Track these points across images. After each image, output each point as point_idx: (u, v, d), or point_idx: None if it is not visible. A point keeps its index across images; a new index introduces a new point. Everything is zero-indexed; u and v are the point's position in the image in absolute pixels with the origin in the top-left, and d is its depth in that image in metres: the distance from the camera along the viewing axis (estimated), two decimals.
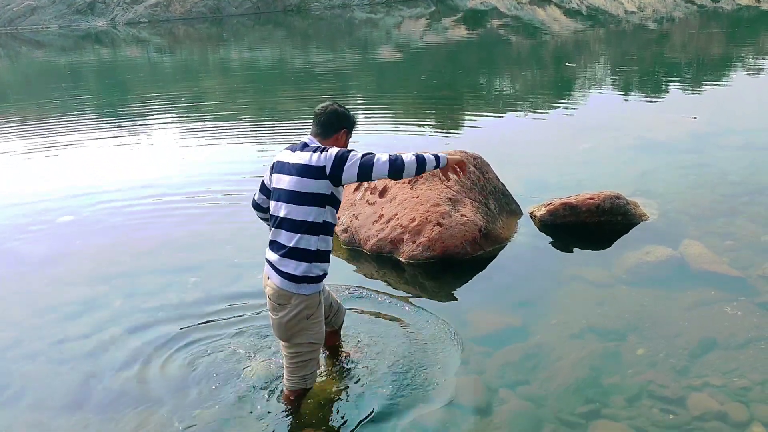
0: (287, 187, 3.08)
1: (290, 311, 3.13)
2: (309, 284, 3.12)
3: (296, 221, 3.06)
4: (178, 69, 21.47)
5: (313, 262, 3.10)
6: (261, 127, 10.79)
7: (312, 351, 3.28)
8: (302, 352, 3.24)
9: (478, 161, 5.85)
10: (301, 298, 3.12)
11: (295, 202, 3.05)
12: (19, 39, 32.76)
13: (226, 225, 6.01)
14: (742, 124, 8.93)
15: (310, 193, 3.02)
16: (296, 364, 3.27)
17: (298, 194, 3.04)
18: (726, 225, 5.47)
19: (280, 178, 3.15)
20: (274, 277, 3.14)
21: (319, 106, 3.26)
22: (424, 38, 25.13)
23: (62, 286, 5.04)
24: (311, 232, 3.06)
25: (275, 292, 3.15)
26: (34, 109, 14.01)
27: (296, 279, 3.08)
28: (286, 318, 3.14)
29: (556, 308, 4.36)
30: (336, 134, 3.21)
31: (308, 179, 3.02)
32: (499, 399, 3.48)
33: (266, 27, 33.30)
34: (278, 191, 3.15)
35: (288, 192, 3.08)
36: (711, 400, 3.37)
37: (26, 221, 6.51)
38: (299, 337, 3.20)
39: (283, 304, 3.13)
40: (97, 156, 9.18)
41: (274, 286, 3.14)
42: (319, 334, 3.27)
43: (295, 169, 3.07)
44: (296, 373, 3.29)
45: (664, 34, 23.54)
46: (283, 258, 3.09)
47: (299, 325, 3.16)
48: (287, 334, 3.20)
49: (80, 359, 4.03)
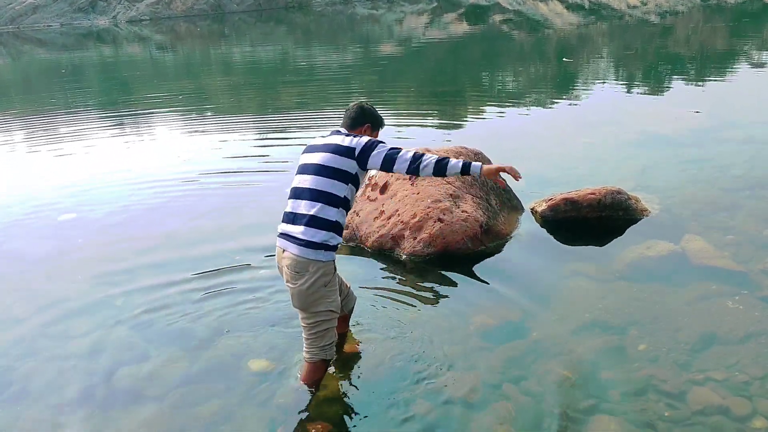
0: (317, 161, 3.32)
1: (309, 278, 3.25)
2: (326, 251, 3.27)
3: (320, 191, 3.27)
4: (180, 66, 21.49)
5: (331, 232, 3.27)
6: (263, 124, 10.78)
7: (330, 320, 3.40)
8: (321, 321, 3.36)
9: (479, 157, 5.83)
10: (318, 265, 3.25)
11: (322, 174, 3.29)
12: (21, 37, 32.80)
13: (228, 221, 6.02)
14: (743, 118, 8.91)
15: (337, 168, 3.27)
16: (316, 335, 3.38)
17: (326, 168, 3.29)
18: (727, 219, 5.46)
19: (310, 156, 3.39)
20: (291, 248, 3.27)
21: (351, 103, 3.63)
22: (426, 34, 25.08)
23: (64, 284, 5.04)
24: (332, 203, 3.27)
25: (293, 261, 3.26)
26: (35, 107, 14.04)
27: (315, 245, 3.22)
28: (306, 285, 3.26)
29: (557, 303, 4.35)
30: (360, 127, 3.52)
31: (338, 156, 3.28)
32: (501, 394, 3.48)
33: (268, 23, 33.29)
34: (306, 166, 3.38)
35: (316, 165, 3.31)
36: (713, 394, 3.37)
37: (27, 219, 6.53)
38: (318, 305, 3.32)
39: (302, 272, 3.25)
40: (98, 153, 9.20)
41: (292, 255, 3.26)
42: (336, 302, 3.41)
43: (327, 147, 3.34)
44: (316, 344, 3.40)
45: (667, 28, 23.47)
46: (303, 226, 3.25)
47: (318, 292, 3.29)
48: (306, 302, 3.32)
49: (83, 356, 4.04)
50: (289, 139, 9.33)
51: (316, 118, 11.04)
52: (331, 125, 10.24)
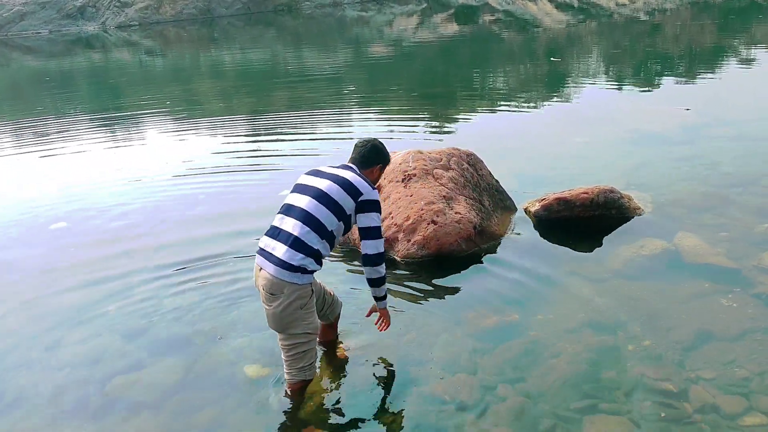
0: (321, 187, 3.27)
1: (283, 300, 3.19)
2: (303, 275, 3.19)
3: (313, 216, 3.20)
4: (170, 71, 21.42)
5: (311, 258, 3.19)
6: (254, 128, 10.76)
7: (308, 342, 3.35)
8: (298, 343, 3.32)
9: (472, 158, 5.84)
10: (294, 287, 3.18)
11: (321, 201, 3.23)
12: (9, 45, 32.61)
13: (221, 227, 5.98)
14: (733, 114, 8.95)
15: (337, 202, 3.24)
16: (294, 356, 3.34)
17: (328, 197, 3.24)
18: (720, 216, 5.48)
19: (313, 180, 3.35)
20: (268, 266, 3.20)
21: (361, 139, 3.57)
22: (416, 35, 25.10)
23: (56, 293, 5.00)
24: (319, 232, 3.20)
25: (268, 282, 3.20)
26: (24, 115, 13.95)
27: (292, 268, 3.15)
28: (280, 308, 3.20)
29: (552, 303, 4.36)
30: (373, 167, 3.51)
31: (344, 192, 3.26)
32: (497, 395, 3.47)
33: (257, 27, 33.24)
34: (307, 187, 3.32)
35: (318, 191, 3.26)
36: (708, 392, 3.38)
37: (19, 228, 6.49)
38: (294, 327, 3.27)
39: (276, 293, 3.19)
40: (89, 160, 9.16)
41: (268, 275, 3.19)
42: (313, 324, 3.35)
43: (337, 179, 3.30)
44: (294, 366, 3.36)
45: (656, 25, 23.57)
46: (285, 246, 3.18)
47: (293, 314, 3.23)
48: (282, 324, 3.27)
49: (76, 366, 4.01)
50: (283, 142, 9.32)
51: (307, 121, 11.02)
52: (323, 127, 10.28)
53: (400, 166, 5.47)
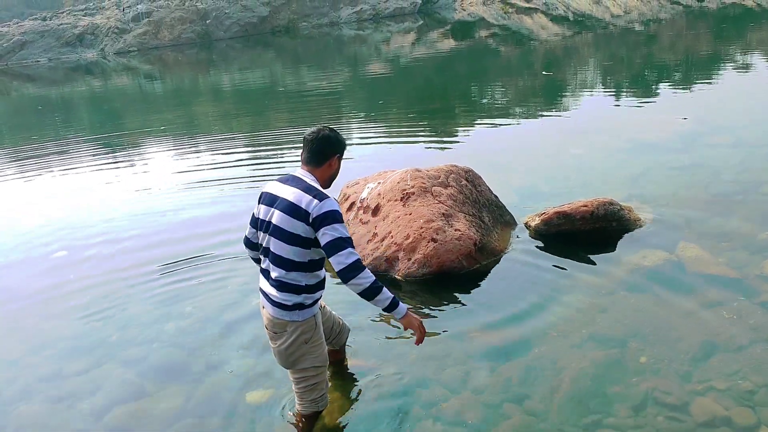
0: (275, 221, 2.99)
1: (287, 338, 3.12)
2: (301, 311, 3.09)
3: (283, 258, 3.00)
4: (169, 95, 21.54)
5: (303, 294, 3.07)
6: (254, 152, 10.75)
7: (317, 374, 3.27)
8: (308, 377, 3.24)
9: (470, 174, 5.83)
10: (295, 325, 3.10)
11: (281, 239, 2.97)
12: (9, 74, 32.87)
13: (221, 253, 5.95)
14: (731, 122, 8.94)
15: (292, 233, 2.94)
16: (305, 389, 3.28)
17: (283, 231, 2.96)
18: (721, 225, 5.44)
19: (268, 210, 3.05)
20: (268, 307, 3.14)
21: (309, 132, 3.11)
22: (413, 52, 25.23)
23: (57, 322, 4.99)
24: (298, 269, 3.01)
25: (270, 321, 3.14)
26: (26, 143, 14.01)
27: (287, 308, 3.06)
28: (284, 345, 3.14)
29: (555, 319, 4.32)
30: (329, 161, 3.10)
31: (292, 218, 2.94)
32: (503, 414, 3.44)
33: (255, 49, 33.48)
34: (265, 223, 3.06)
35: (275, 227, 2.99)
36: (716, 405, 3.34)
37: (20, 256, 6.49)
38: (301, 362, 3.19)
39: (280, 332, 3.13)
40: (90, 188, 9.15)
41: (269, 315, 3.14)
42: (321, 357, 3.25)
43: (281, 204, 2.99)
44: (306, 398, 3.30)
45: (651, 36, 23.67)
46: (274, 288, 3.07)
47: (299, 350, 3.14)
48: (288, 361, 3.20)
49: (77, 397, 3.99)
50: (284, 164, 9.32)
51: None
52: None
53: (398, 185, 5.46)
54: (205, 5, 38.45)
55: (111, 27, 38.28)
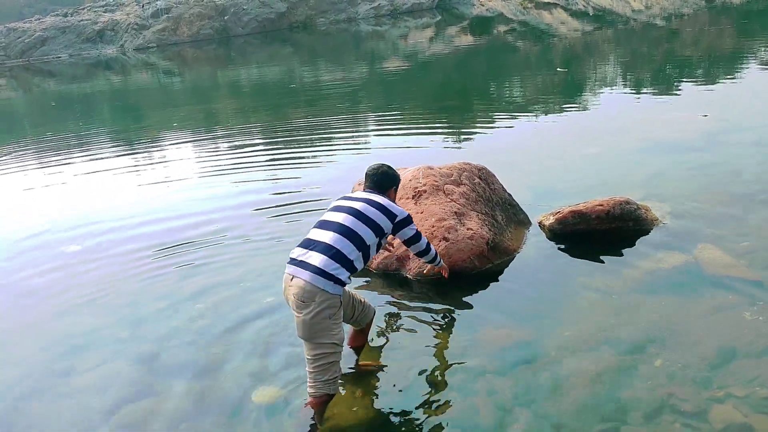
0: (358, 207, 3.58)
1: (314, 308, 3.30)
2: (335, 284, 3.33)
3: (354, 231, 3.47)
4: (188, 91, 21.66)
5: (344, 268, 3.37)
6: (271, 146, 10.74)
7: (334, 353, 3.40)
8: (325, 354, 3.37)
9: (483, 172, 5.75)
10: (325, 296, 3.31)
11: (361, 219, 3.53)
12: (31, 70, 33.28)
13: (234, 249, 5.95)
14: (753, 120, 8.74)
15: (375, 221, 3.57)
16: (319, 368, 3.38)
17: (366, 216, 3.55)
18: (741, 226, 5.31)
19: (348, 202, 3.66)
20: (302, 274, 3.33)
21: (371, 167, 3.90)
22: (430, 48, 25.12)
23: (69, 318, 5.01)
24: (358, 246, 3.45)
25: (301, 290, 3.31)
26: (44, 138, 14.15)
27: (326, 275, 3.31)
28: (310, 315, 3.30)
29: (568, 320, 4.24)
30: (389, 191, 3.86)
31: (380, 213, 3.61)
32: (513, 418, 3.38)
33: (273, 45, 33.55)
34: (344, 207, 3.61)
35: (356, 210, 3.57)
36: (735, 412, 3.24)
37: (33, 252, 6.53)
38: (322, 336, 3.35)
39: (307, 301, 3.31)
40: (104, 185, 9.20)
41: (301, 283, 3.32)
42: (339, 335, 3.44)
43: (370, 202, 3.65)
44: (319, 378, 3.39)
45: (673, 31, 23.34)
46: (321, 255, 3.36)
47: (322, 323, 3.33)
48: (310, 332, 3.35)
49: (88, 394, 3.99)
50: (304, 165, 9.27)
51: (323, 135, 11.02)
52: (338, 141, 10.27)
53: (410, 182, 5.40)
54: (224, 1, 38.59)
55: (131, 23, 38.58)
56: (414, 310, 4.57)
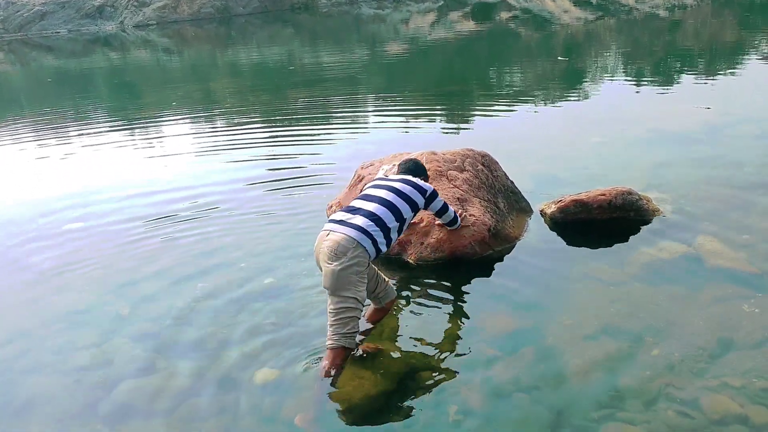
0: (396, 186, 4.06)
1: (345, 261, 3.59)
2: (371, 245, 3.69)
3: (393, 204, 3.92)
4: (187, 70, 21.52)
5: (381, 233, 3.77)
6: (271, 130, 10.71)
7: (355, 308, 3.65)
8: (347, 307, 3.62)
9: (486, 159, 5.75)
10: (358, 251, 3.62)
11: (399, 196, 3.99)
12: (29, 44, 32.98)
13: (234, 229, 5.96)
14: (756, 113, 8.75)
15: (410, 197, 4.04)
16: (340, 321, 3.61)
17: (402, 193, 4.02)
18: (742, 218, 5.33)
19: (385, 181, 4.16)
20: (341, 230, 3.68)
21: (404, 159, 4.61)
22: (432, 33, 24.97)
23: (69, 295, 5.01)
24: (396, 217, 3.88)
25: (336, 243, 3.62)
26: (45, 114, 14.07)
27: (366, 233, 3.68)
28: (340, 267, 3.59)
29: (568, 308, 4.26)
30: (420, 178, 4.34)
31: (414, 190, 4.10)
32: (511, 403, 3.40)
33: (274, 25, 33.30)
34: (382, 185, 4.08)
35: (395, 188, 4.03)
36: (730, 402, 3.27)
37: (33, 228, 6.50)
38: (346, 289, 3.61)
39: (340, 254, 3.60)
40: (106, 161, 9.17)
41: (338, 237, 3.64)
42: (362, 293, 3.69)
43: (405, 181, 4.13)
44: (339, 330, 3.61)
45: (676, 22, 23.24)
46: (363, 218, 3.75)
47: (349, 277, 3.60)
48: (337, 283, 3.61)
49: (88, 369, 4.00)
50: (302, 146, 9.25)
51: (323, 118, 10.99)
52: (338, 125, 10.23)
53: None
54: None
55: (130, 0, 38.18)
56: (415, 294, 4.59)
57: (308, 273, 4.79)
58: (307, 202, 6.47)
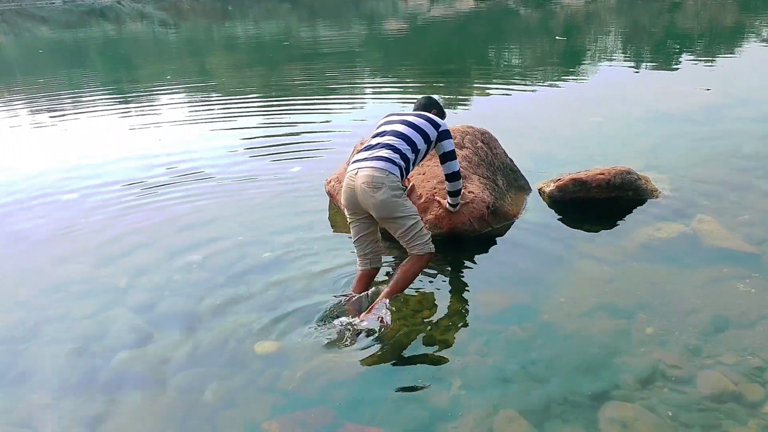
0: (410, 119, 4.21)
1: (385, 190, 3.86)
2: (398, 171, 3.96)
3: (408, 136, 4.10)
4: (183, 44, 21.29)
5: (403, 162, 4.02)
6: (267, 104, 10.66)
7: (417, 221, 4.01)
8: (411, 225, 3.98)
9: (486, 136, 5.73)
10: (392, 179, 3.90)
11: (413, 128, 4.15)
12: (23, 15, 32.52)
13: (230, 201, 5.95)
14: (755, 95, 8.75)
15: (424, 130, 4.18)
16: (412, 238, 4.00)
17: (416, 126, 4.17)
18: (740, 199, 5.35)
19: (400, 116, 4.30)
20: (369, 166, 3.92)
21: (420, 96, 4.72)
22: (431, 11, 24.73)
23: (67, 265, 5.00)
24: (411, 146, 4.10)
25: (370, 177, 3.88)
26: (38, 85, 13.92)
27: (393, 163, 3.95)
28: (384, 195, 3.87)
29: (565, 286, 4.28)
30: (430, 111, 4.50)
31: (428, 123, 4.22)
32: (508, 379, 3.42)
33: (271, 0, 32.89)
34: (395, 120, 4.25)
35: (409, 122, 4.19)
36: (725, 379, 3.30)
37: (31, 199, 6.48)
38: (398, 210, 3.93)
39: (379, 184, 3.87)
40: (102, 133, 9.12)
41: (370, 171, 3.89)
42: (413, 208, 4.05)
43: (419, 115, 4.28)
44: (419, 242, 4.01)
45: (676, 3, 23.07)
46: (385, 150, 4.00)
47: (395, 201, 3.91)
48: (387, 209, 3.91)
49: (85, 339, 4.00)
50: (297, 117, 9.22)
51: (320, 95, 10.92)
52: (335, 102, 10.17)
53: None
54: None
55: None
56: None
57: (307, 246, 4.78)
58: (305, 175, 6.46)
